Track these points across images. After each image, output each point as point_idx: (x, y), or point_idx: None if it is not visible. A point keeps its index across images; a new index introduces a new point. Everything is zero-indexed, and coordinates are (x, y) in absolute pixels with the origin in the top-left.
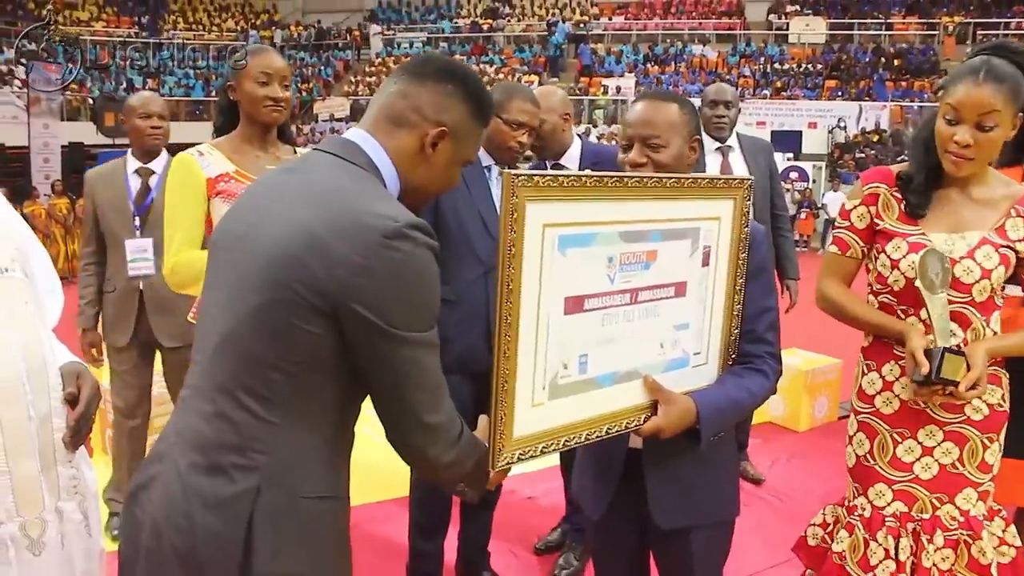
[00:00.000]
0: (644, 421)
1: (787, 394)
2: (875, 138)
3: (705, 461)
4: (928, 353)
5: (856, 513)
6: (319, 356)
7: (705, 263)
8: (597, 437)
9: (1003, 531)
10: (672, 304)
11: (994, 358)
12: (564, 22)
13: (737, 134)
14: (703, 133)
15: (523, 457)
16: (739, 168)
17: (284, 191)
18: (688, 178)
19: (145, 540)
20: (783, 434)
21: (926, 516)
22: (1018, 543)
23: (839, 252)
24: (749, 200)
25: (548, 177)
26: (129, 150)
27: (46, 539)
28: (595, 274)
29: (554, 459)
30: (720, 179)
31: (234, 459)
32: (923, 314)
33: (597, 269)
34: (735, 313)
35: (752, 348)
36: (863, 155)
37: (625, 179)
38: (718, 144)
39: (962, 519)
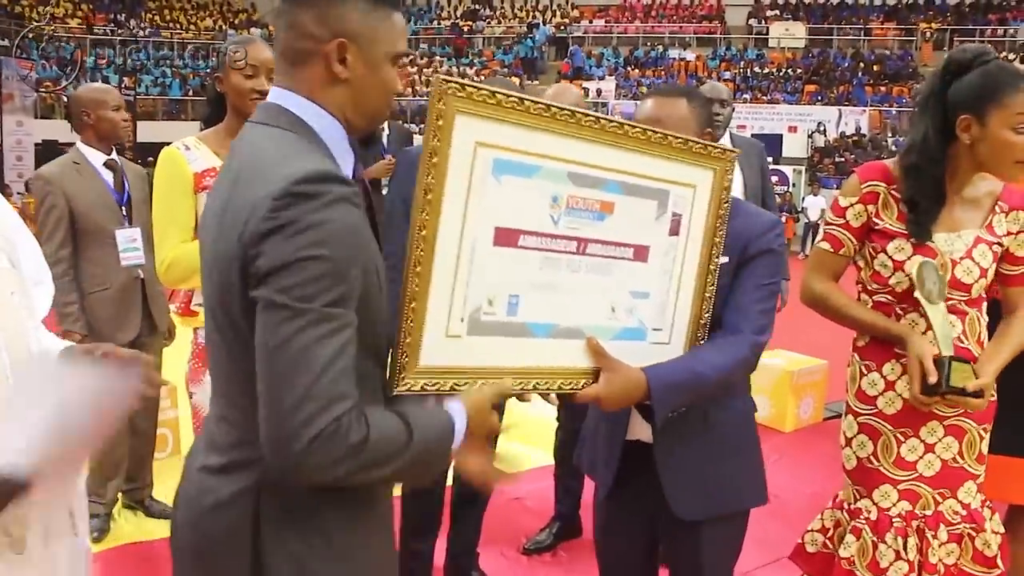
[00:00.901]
0: (583, 387)
1: (773, 395)
2: (854, 142)
3: (720, 448)
4: (935, 362)
5: (861, 516)
6: None
7: (674, 232)
8: (522, 389)
9: (990, 519)
10: (629, 267)
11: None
12: (545, 24)
13: (730, 133)
14: None
15: (428, 388)
16: None
17: (225, 174)
18: (658, 133)
19: (175, 541)
20: (769, 435)
21: (929, 512)
22: (1002, 530)
23: (831, 249)
24: (731, 174)
25: (485, 92)
26: (79, 143)
27: (29, 537)
28: (535, 210)
29: (547, 459)
30: (698, 143)
31: (236, 457)
32: (921, 311)
33: (538, 205)
34: (707, 295)
35: (732, 316)
36: (842, 159)
37: (579, 115)
38: None
39: (964, 512)
